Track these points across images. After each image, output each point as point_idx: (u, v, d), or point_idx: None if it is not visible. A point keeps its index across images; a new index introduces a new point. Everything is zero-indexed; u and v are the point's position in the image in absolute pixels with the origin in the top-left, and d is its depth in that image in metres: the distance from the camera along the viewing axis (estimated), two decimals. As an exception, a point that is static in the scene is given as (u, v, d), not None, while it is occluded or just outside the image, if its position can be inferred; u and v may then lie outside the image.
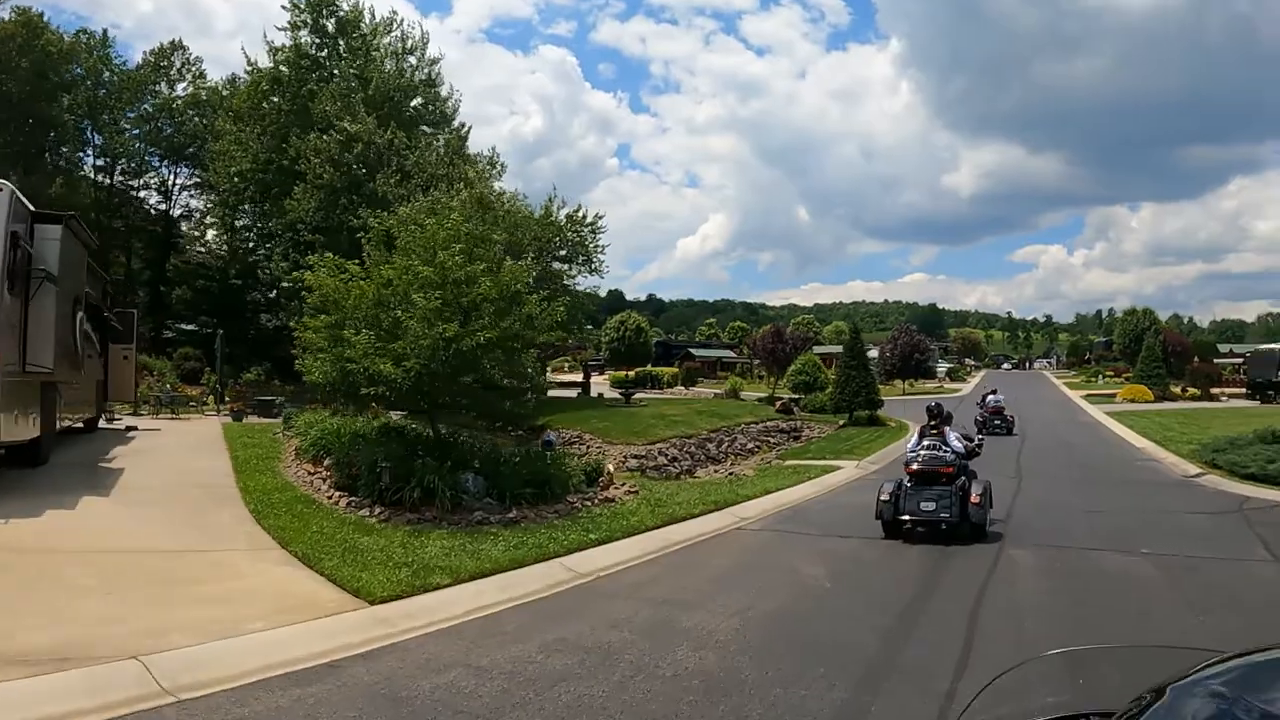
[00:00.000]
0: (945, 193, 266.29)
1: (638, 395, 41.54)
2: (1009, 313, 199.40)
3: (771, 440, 31.00)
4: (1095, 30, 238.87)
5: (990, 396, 31.03)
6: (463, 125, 43.26)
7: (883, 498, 11.46)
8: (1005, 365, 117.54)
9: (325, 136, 35.99)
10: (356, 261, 15.17)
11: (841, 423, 31.84)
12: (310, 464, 15.16)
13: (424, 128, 41.76)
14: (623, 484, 16.02)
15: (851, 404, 31.35)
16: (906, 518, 11.24)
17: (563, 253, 38.47)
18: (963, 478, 11.46)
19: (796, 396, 37.54)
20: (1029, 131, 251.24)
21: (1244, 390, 46.71)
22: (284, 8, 40.06)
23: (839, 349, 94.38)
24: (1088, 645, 2.43)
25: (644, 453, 25.98)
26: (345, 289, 14.25)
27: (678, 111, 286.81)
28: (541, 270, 37.92)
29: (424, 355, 13.19)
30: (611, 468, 17.05)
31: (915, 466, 11.59)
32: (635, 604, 8.53)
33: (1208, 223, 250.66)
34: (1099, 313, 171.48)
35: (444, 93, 42.98)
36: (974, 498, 11.01)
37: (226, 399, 29.12)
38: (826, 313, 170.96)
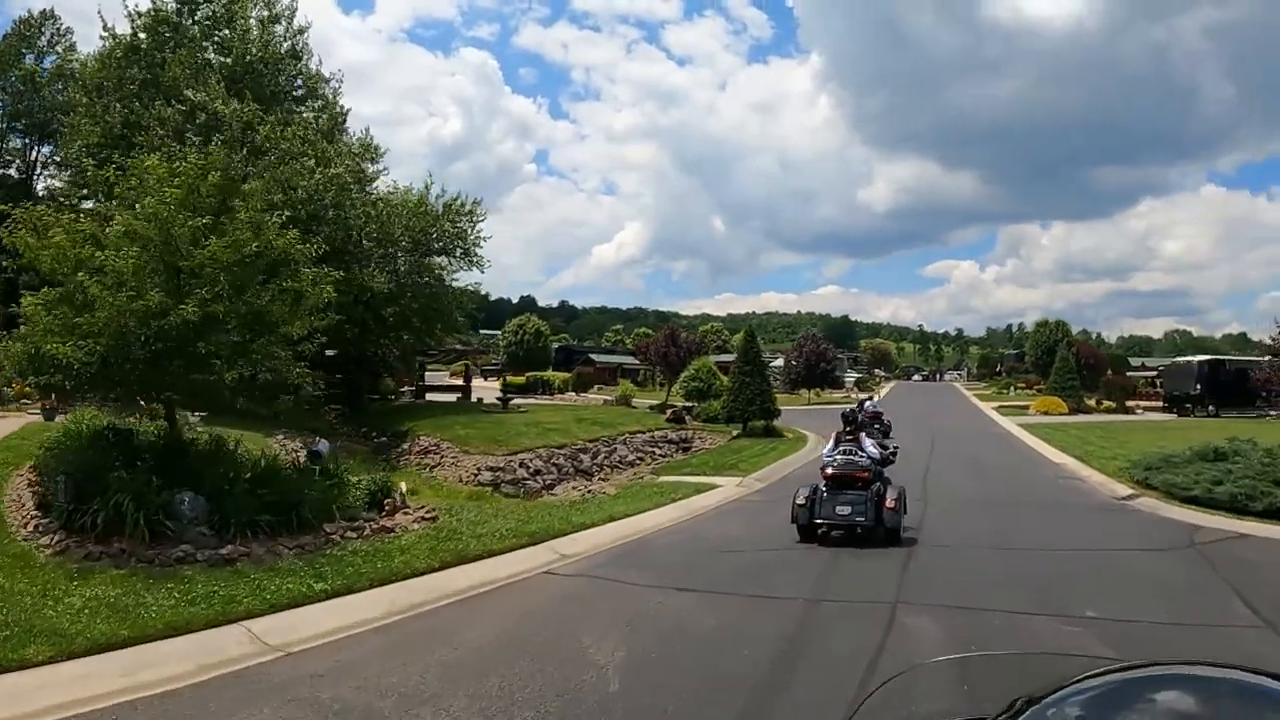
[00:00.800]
0: (860, 207, 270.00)
1: (517, 401, 37.73)
2: (920, 326, 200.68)
3: (657, 452, 27.61)
4: (1012, 53, 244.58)
5: (867, 402, 29.84)
6: (342, 107, 38.83)
7: (799, 502, 11.17)
8: (916, 376, 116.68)
9: (169, 107, 31.43)
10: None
11: (735, 433, 28.61)
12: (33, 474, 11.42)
13: (298, 106, 37.49)
14: (420, 507, 12.27)
15: (746, 413, 28.10)
16: (822, 522, 11.08)
17: (439, 244, 34.63)
18: (878, 483, 11.26)
19: (690, 404, 34.24)
20: (944, 149, 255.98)
21: (1160, 403, 45.19)
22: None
23: None
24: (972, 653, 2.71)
25: (502, 465, 22.31)
26: (41, 247, 10.42)
27: (597, 119, 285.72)
28: (413, 264, 34.14)
29: (110, 333, 9.47)
30: (405, 486, 13.24)
31: (831, 471, 11.33)
32: (308, 711, 5.30)
33: (1117, 242, 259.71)
34: (1009, 327, 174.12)
35: (314, 66, 38.50)
36: (889, 503, 10.90)
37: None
38: (740, 322, 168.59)
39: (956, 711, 1.88)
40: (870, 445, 11.80)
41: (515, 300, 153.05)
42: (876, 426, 19.65)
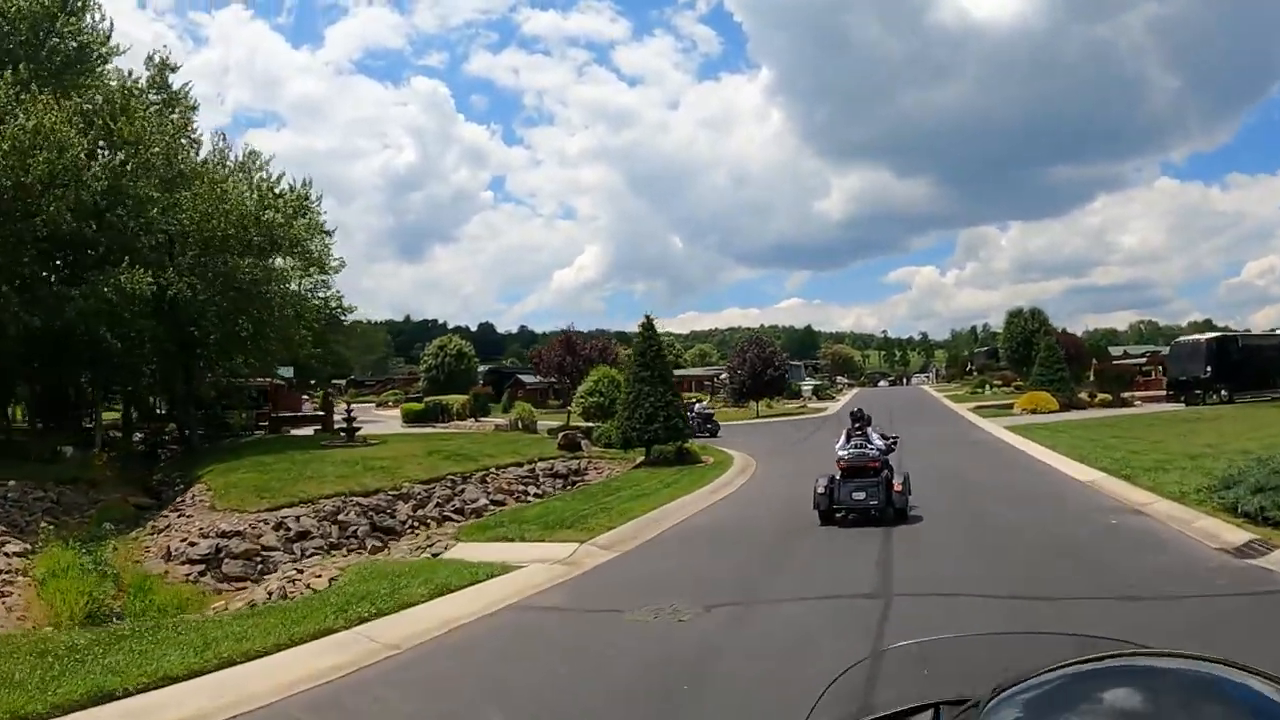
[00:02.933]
0: (816, 218, 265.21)
1: (387, 430, 30.08)
2: (884, 332, 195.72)
3: (530, 491, 20.21)
4: (960, 57, 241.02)
5: (697, 405, 29.75)
6: (136, 78, 30.92)
7: (818, 490, 12.11)
8: (882, 382, 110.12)
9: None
10: None
11: (639, 460, 21.11)
12: None
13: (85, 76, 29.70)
14: None
15: (645, 434, 20.43)
16: (840, 506, 12.02)
17: (260, 241, 26.84)
18: (886, 470, 12.21)
19: (592, 425, 26.76)
20: (896, 156, 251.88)
21: (1163, 392, 38.22)
22: None
23: (699, 371, 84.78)
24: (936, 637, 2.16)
25: (243, 528, 14.78)
26: None
27: (551, 143, 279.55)
28: (257, 269, 26.47)
29: None
30: None
31: (845, 463, 12.26)
32: None
33: (1072, 239, 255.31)
34: (974, 328, 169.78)
35: (104, 27, 30.57)
36: (897, 486, 11.98)
37: None
38: (703, 339, 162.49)
39: (923, 695, 1.74)
40: (876, 438, 12.64)
41: (474, 328, 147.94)
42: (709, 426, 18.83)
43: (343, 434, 27.17)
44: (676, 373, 65.07)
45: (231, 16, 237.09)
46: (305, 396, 63.14)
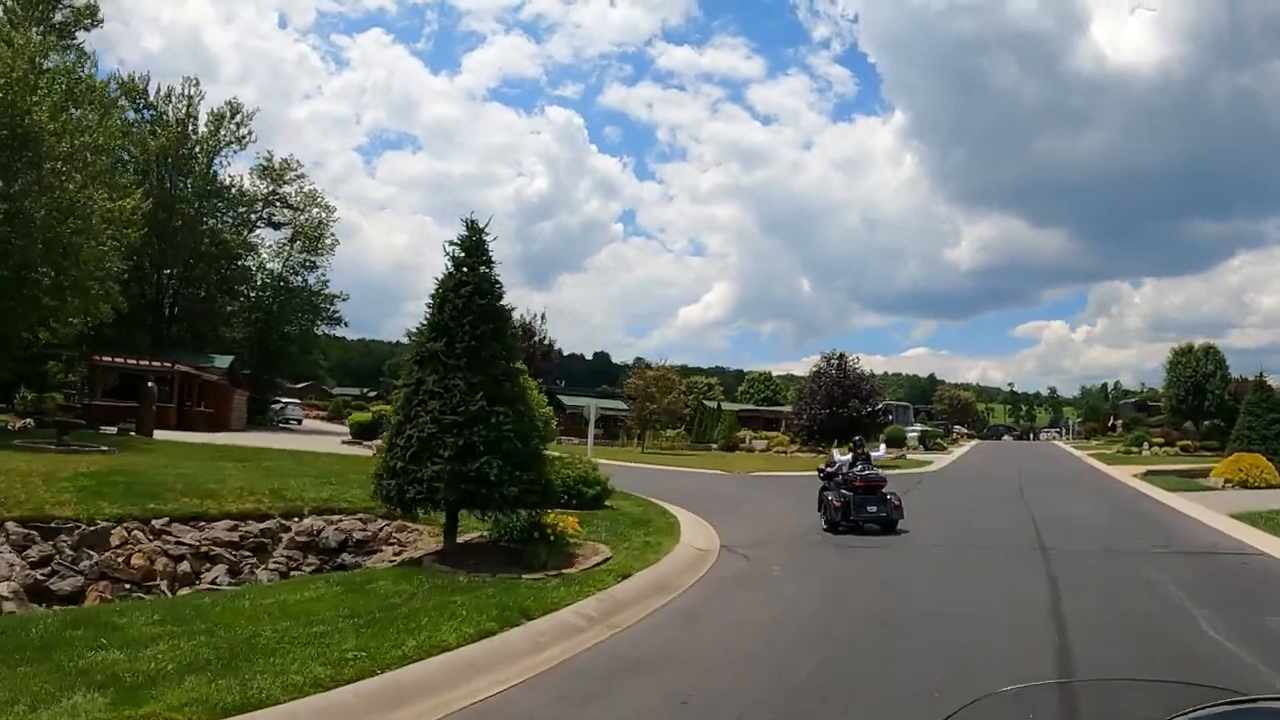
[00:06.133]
0: (947, 266, 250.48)
1: (230, 440, 20.24)
2: (1010, 385, 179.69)
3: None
4: (1098, 103, 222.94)
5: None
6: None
7: (835, 504, 14.25)
8: (1006, 436, 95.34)
9: None
10: None
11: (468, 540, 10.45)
12: None
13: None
14: None
15: (436, 485, 9.08)
16: (854, 519, 14.00)
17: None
18: (888, 489, 14.66)
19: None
20: (1030, 204, 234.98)
21: None
22: None
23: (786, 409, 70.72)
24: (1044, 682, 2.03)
25: None
26: None
27: (683, 179, 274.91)
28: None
29: None
30: None
31: (862, 481, 14.39)
32: None
33: (1210, 298, 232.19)
34: (1104, 385, 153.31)
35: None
36: (897, 503, 14.36)
37: None
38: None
39: None
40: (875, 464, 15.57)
41: (590, 357, 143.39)
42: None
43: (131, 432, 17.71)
44: (778, 409, 52.89)
45: (373, 40, 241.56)
46: (280, 400, 55.08)
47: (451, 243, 9.59)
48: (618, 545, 10.35)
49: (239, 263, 45.97)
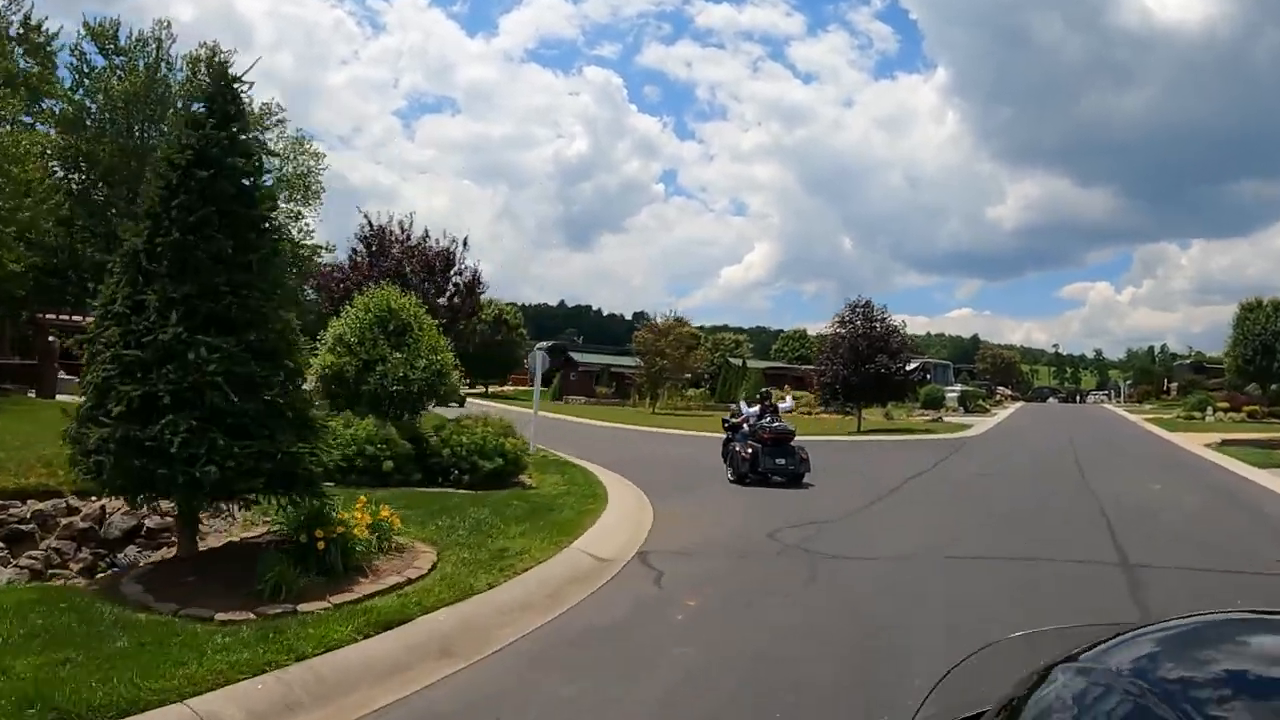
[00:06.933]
0: (990, 225, 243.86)
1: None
2: (1055, 347, 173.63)
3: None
4: (1144, 61, 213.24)
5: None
6: None
7: (743, 455, 14.18)
8: (1051, 399, 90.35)
9: None
10: None
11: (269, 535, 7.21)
12: None
13: None
14: None
15: (154, 461, 5.95)
16: (763, 471, 14.01)
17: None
18: (796, 442, 14.77)
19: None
20: (1076, 163, 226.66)
21: None
22: None
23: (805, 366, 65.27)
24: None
25: None
26: None
27: (723, 138, 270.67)
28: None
29: None
30: None
31: (770, 433, 14.42)
32: None
33: (1258, 260, 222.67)
34: (1151, 348, 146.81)
35: None
36: (804, 455, 14.44)
37: None
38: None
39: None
40: (784, 415, 15.79)
41: (629, 316, 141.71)
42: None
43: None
44: (809, 368, 49.64)
45: (409, 3, 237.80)
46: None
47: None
48: (459, 552, 6.95)
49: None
